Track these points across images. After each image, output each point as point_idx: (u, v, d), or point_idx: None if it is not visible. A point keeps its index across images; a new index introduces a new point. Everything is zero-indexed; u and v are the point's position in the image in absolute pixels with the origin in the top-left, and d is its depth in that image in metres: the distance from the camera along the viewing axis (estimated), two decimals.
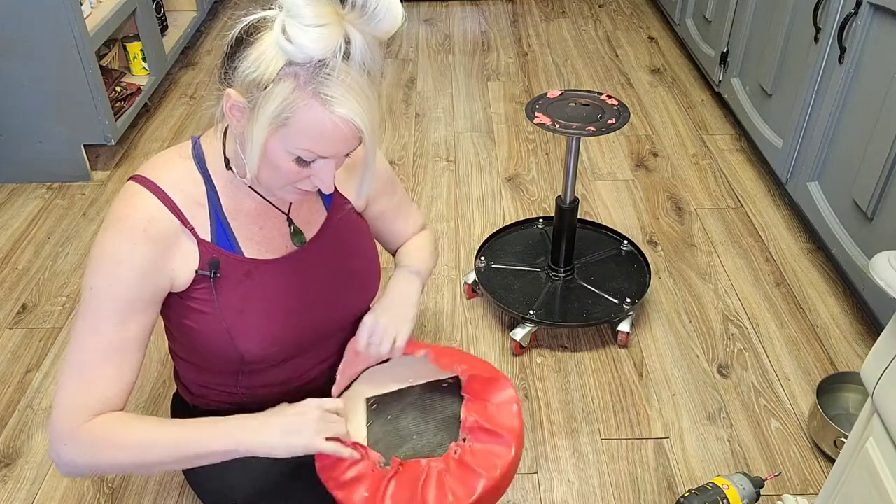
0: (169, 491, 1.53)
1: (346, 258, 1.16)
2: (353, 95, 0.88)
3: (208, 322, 1.04)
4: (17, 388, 1.76)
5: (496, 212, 2.33)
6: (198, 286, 1.03)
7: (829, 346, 1.83)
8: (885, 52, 1.73)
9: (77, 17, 2.22)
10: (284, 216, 1.09)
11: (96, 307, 0.96)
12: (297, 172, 0.94)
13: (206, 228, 1.02)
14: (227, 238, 1.04)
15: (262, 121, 0.89)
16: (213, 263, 1.02)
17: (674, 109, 2.88)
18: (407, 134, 2.75)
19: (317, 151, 0.91)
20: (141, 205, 0.98)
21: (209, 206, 1.03)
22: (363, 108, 0.89)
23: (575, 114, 1.71)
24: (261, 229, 1.07)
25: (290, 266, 1.09)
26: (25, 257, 2.17)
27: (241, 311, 1.04)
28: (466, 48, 3.41)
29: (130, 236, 0.96)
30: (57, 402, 0.97)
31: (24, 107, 2.35)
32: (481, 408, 1.10)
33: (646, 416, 1.67)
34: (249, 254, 1.06)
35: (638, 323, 1.90)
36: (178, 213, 0.99)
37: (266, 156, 0.92)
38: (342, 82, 0.87)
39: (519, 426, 1.08)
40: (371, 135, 0.91)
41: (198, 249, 1.02)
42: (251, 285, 1.05)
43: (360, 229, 1.21)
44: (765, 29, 2.37)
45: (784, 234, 2.21)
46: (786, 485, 1.53)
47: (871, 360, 0.97)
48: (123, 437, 0.95)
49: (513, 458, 1.04)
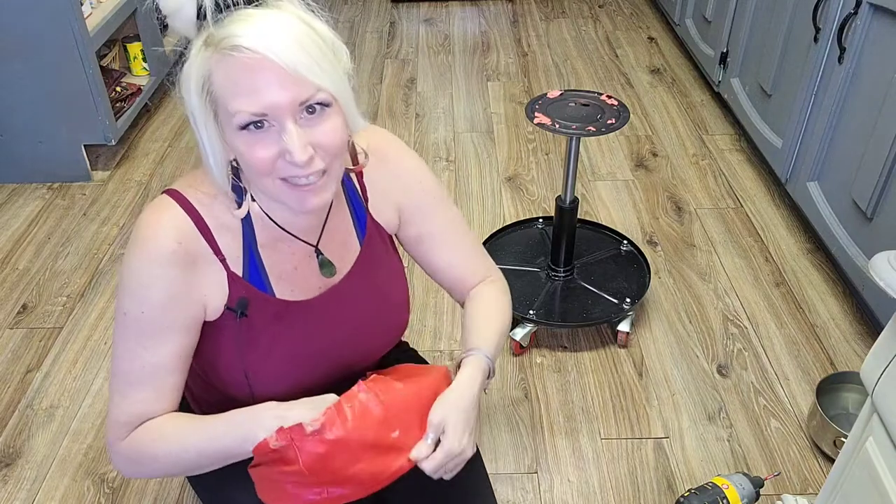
0: (169, 491, 1.54)
1: (378, 295, 1.08)
2: (255, 25, 0.79)
3: (228, 359, 0.99)
4: (17, 388, 1.76)
5: (496, 212, 2.33)
6: (225, 321, 0.97)
7: (829, 345, 1.83)
8: (885, 52, 1.73)
9: (77, 17, 2.22)
10: (313, 249, 1.02)
11: (127, 331, 0.93)
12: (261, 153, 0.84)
13: (237, 261, 0.95)
14: (258, 275, 0.97)
15: (196, 106, 0.83)
16: (241, 303, 0.96)
17: (673, 109, 2.88)
18: (407, 134, 2.75)
19: (247, 108, 0.80)
20: (170, 224, 0.91)
21: (244, 238, 0.95)
22: (273, 35, 0.79)
23: (575, 114, 1.71)
24: (295, 270, 1.00)
25: (321, 307, 1.02)
26: (26, 257, 2.17)
27: (265, 356, 0.99)
28: (466, 48, 3.41)
29: (158, 259, 0.90)
30: (107, 413, 0.97)
31: (24, 107, 2.35)
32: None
33: (645, 415, 1.67)
34: (281, 294, 0.99)
35: (638, 323, 1.90)
36: (209, 238, 0.93)
37: (231, 152, 0.87)
38: (240, 19, 0.80)
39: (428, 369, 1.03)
40: (299, 64, 0.80)
41: (227, 282, 0.95)
42: (280, 329, 0.99)
43: (393, 263, 1.12)
44: (764, 29, 2.37)
45: (784, 234, 2.21)
46: (785, 484, 1.53)
47: (871, 359, 0.97)
48: (159, 450, 0.94)
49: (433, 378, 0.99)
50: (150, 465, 0.96)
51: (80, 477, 1.56)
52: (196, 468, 0.96)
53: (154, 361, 0.93)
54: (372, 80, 3.14)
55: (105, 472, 1.57)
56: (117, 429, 0.96)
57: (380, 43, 3.49)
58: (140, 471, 0.99)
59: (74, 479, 1.55)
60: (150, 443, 0.95)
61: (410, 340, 1.85)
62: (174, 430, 0.95)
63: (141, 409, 0.95)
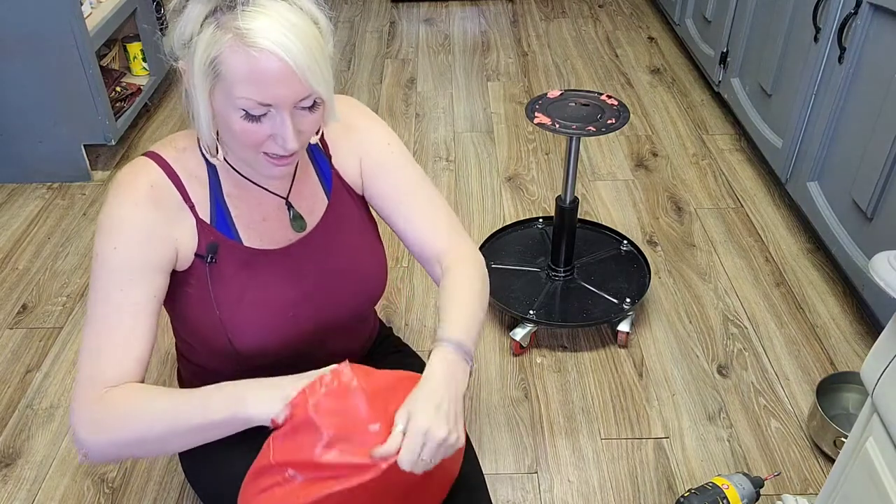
0: (169, 491, 1.54)
1: (348, 249, 1.13)
2: (274, 26, 0.85)
3: (203, 309, 1.02)
4: (17, 388, 1.76)
5: (496, 212, 2.33)
6: (195, 270, 1.01)
7: (829, 345, 1.83)
8: (885, 52, 1.73)
9: (77, 17, 2.22)
10: (284, 202, 1.07)
11: (104, 271, 0.96)
12: (254, 133, 0.91)
13: (205, 209, 1.01)
14: (226, 223, 1.02)
15: (197, 75, 0.88)
16: (210, 247, 1.01)
17: (674, 109, 2.88)
18: (407, 134, 2.75)
19: (254, 97, 0.87)
20: (143, 172, 0.99)
21: (210, 188, 1.01)
22: (289, 40, 0.85)
23: (575, 114, 1.71)
24: (263, 220, 1.06)
25: (292, 257, 1.07)
26: (25, 257, 2.17)
27: (237, 302, 1.03)
28: (466, 48, 3.41)
29: (132, 199, 0.96)
30: (76, 380, 0.96)
31: (24, 107, 2.35)
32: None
33: (646, 415, 1.67)
34: (249, 242, 1.04)
35: (638, 323, 1.90)
36: (179, 186, 0.99)
37: (218, 118, 0.92)
38: (260, 14, 0.85)
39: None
40: (306, 69, 0.87)
41: (196, 229, 1.00)
42: (249, 275, 1.04)
43: (364, 223, 1.17)
44: (765, 29, 2.37)
45: (784, 234, 2.21)
46: (785, 484, 1.53)
47: (871, 359, 0.97)
48: (132, 412, 0.92)
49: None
50: (115, 430, 0.92)
51: (80, 477, 1.56)
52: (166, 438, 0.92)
53: (129, 302, 0.95)
54: (372, 80, 3.14)
55: (105, 472, 1.57)
56: (89, 388, 0.94)
57: (380, 43, 3.49)
58: (100, 438, 0.92)
59: (74, 479, 1.55)
60: (122, 403, 0.92)
61: (410, 341, 1.85)
62: (151, 393, 0.94)
63: (114, 358, 0.94)
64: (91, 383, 0.94)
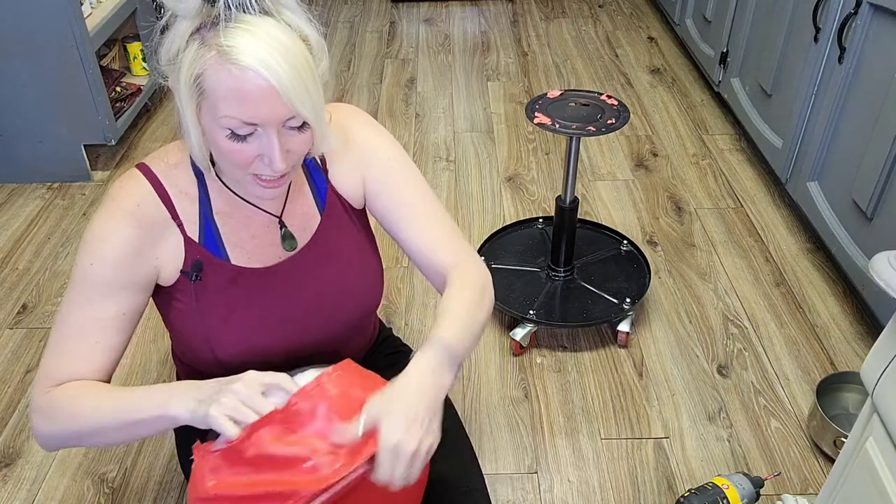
0: (169, 491, 1.54)
1: (340, 266, 1.10)
2: (258, 44, 0.82)
3: (189, 324, 1.03)
4: (17, 388, 1.76)
5: (496, 212, 2.33)
6: (181, 285, 1.02)
7: (829, 345, 1.83)
8: (885, 52, 1.73)
9: (77, 17, 2.22)
10: (276, 220, 1.05)
11: (75, 285, 0.97)
12: (240, 152, 0.89)
13: (194, 226, 1.01)
14: (214, 241, 1.02)
15: (183, 91, 0.87)
16: (195, 265, 1.01)
17: (674, 109, 2.88)
18: (407, 134, 2.75)
19: (238, 116, 0.85)
20: (133, 188, 0.98)
21: (199, 204, 1.01)
22: (273, 59, 0.82)
23: (575, 114, 1.71)
24: (252, 238, 1.04)
25: (280, 275, 1.06)
26: (25, 257, 2.17)
27: (223, 320, 1.02)
28: (466, 48, 3.41)
29: (118, 216, 0.96)
30: (39, 367, 0.99)
31: (24, 107, 2.35)
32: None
33: (646, 415, 1.67)
34: (237, 261, 1.03)
35: (638, 323, 1.90)
36: (168, 203, 0.99)
37: (207, 137, 0.91)
38: (245, 31, 0.83)
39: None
40: (290, 89, 0.84)
41: (183, 246, 1.00)
42: (236, 294, 1.03)
43: (359, 235, 1.14)
44: (765, 29, 2.37)
45: (784, 234, 2.21)
46: (785, 485, 1.53)
47: (871, 359, 0.97)
48: (75, 405, 0.95)
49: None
50: (64, 422, 0.96)
51: (80, 477, 1.56)
52: (109, 432, 0.94)
53: (96, 317, 0.97)
54: (372, 80, 3.14)
55: (105, 472, 1.57)
56: (45, 382, 0.98)
57: (380, 43, 3.49)
58: (52, 430, 0.97)
59: (74, 479, 1.55)
60: (70, 398, 0.96)
61: (410, 341, 1.85)
62: (95, 389, 0.97)
63: (72, 365, 0.97)
64: (47, 380, 0.98)
